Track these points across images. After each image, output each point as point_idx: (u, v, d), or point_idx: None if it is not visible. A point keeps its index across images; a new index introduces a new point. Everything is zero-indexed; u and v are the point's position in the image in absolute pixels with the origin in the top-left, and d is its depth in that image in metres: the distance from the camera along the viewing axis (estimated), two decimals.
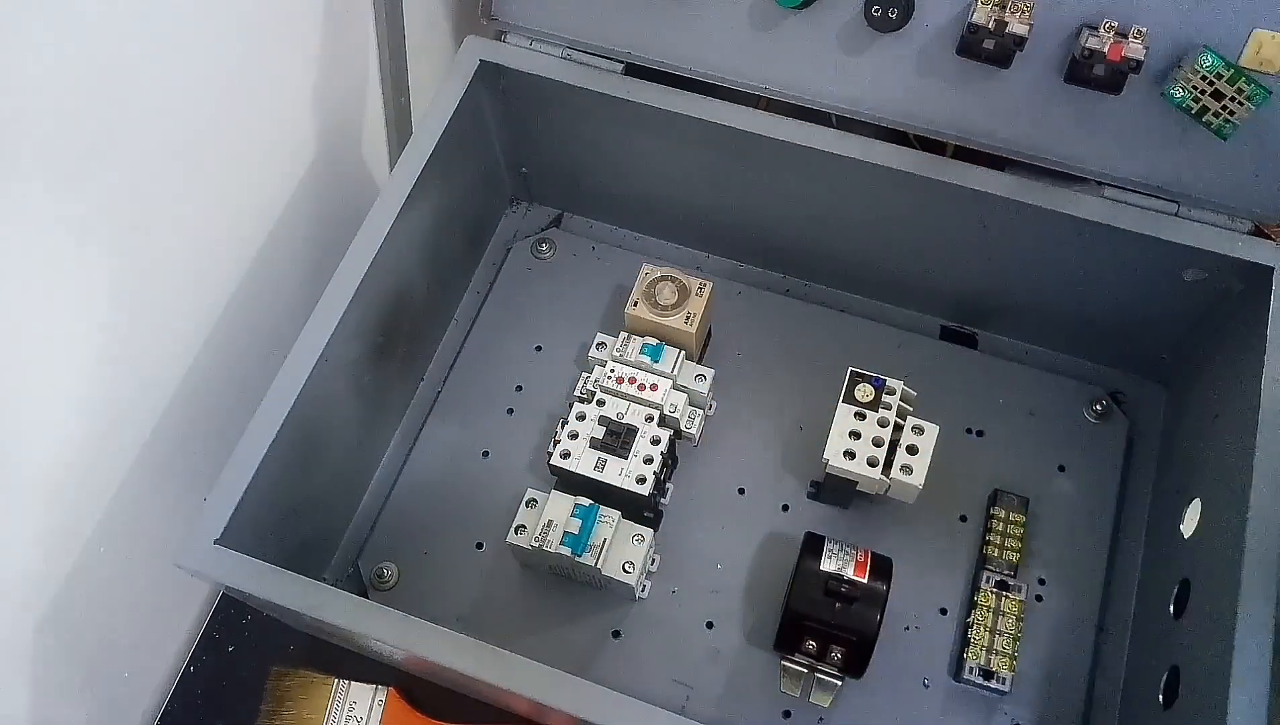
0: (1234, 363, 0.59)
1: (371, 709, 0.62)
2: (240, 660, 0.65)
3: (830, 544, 0.58)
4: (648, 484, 0.60)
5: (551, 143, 0.72)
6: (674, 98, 0.64)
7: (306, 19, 0.61)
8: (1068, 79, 0.58)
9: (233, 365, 0.64)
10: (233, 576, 0.50)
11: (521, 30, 0.67)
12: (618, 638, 0.62)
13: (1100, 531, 0.65)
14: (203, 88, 0.54)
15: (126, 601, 0.61)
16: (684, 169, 0.69)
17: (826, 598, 0.56)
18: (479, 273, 0.76)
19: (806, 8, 0.60)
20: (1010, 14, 0.55)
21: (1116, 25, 0.54)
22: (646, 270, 0.66)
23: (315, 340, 0.56)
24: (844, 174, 0.63)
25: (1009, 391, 0.69)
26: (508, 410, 0.70)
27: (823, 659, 0.57)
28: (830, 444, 0.60)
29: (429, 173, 0.62)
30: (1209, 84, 0.54)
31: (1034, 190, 0.61)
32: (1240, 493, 0.52)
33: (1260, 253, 0.59)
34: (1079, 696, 0.60)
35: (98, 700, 0.61)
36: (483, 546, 0.65)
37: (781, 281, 0.75)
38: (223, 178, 0.59)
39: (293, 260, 0.68)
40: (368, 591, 0.64)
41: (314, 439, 0.58)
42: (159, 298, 0.56)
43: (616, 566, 0.59)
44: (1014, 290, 0.68)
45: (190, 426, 0.62)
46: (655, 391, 0.64)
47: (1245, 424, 0.54)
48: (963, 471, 0.66)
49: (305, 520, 0.61)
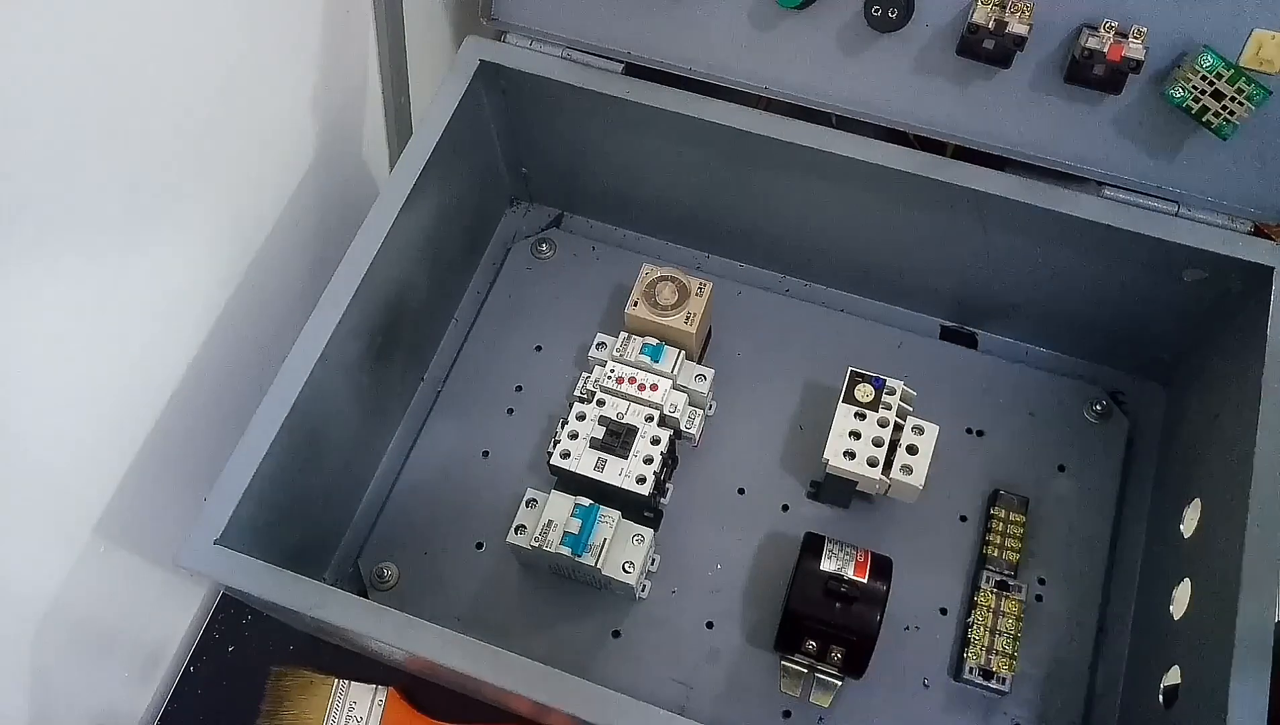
0: (1234, 363, 0.59)
1: (371, 709, 0.62)
2: (240, 660, 0.65)
3: (830, 544, 0.58)
4: (648, 484, 0.60)
5: (551, 143, 0.72)
6: (674, 98, 0.64)
7: (306, 19, 0.61)
8: (1068, 79, 0.58)
9: (233, 365, 0.64)
10: (233, 576, 0.50)
11: (521, 30, 0.67)
12: (618, 638, 0.62)
13: (1100, 531, 0.65)
14: (202, 87, 0.54)
15: (126, 601, 0.61)
16: (684, 169, 0.69)
17: (826, 598, 0.56)
18: (479, 273, 0.76)
19: (806, 8, 0.60)
20: (1010, 14, 0.55)
21: (1116, 25, 0.55)
22: (646, 270, 0.66)
23: (315, 340, 0.56)
24: (844, 174, 0.63)
25: (1009, 391, 0.69)
26: (508, 410, 0.70)
27: (823, 659, 0.57)
28: (830, 444, 0.60)
29: (429, 173, 0.62)
30: (1209, 84, 0.54)
31: (1034, 190, 0.61)
32: (1240, 493, 0.52)
33: (1260, 253, 0.59)
34: (1079, 697, 0.60)
35: (98, 700, 0.61)
36: (483, 546, 0.65)
37: (781, 281, 0.75)
38: (223, 177, 0.59)
39: (293, 260, 0.68)
40: (368, 591, 0.64)
41: (314, 439, 0.58)
42: (159, 297, 0.56)
43: (616, 566, 0.59)
44: (1014, 290, 0.68)
45: (190, 426, 0.62)
46: (655, 391, 0.64)
47: (1245, 424, 0.54)
48: (963, 471, 0.66)
49: (305, 520, 0.61)
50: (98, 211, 0.50)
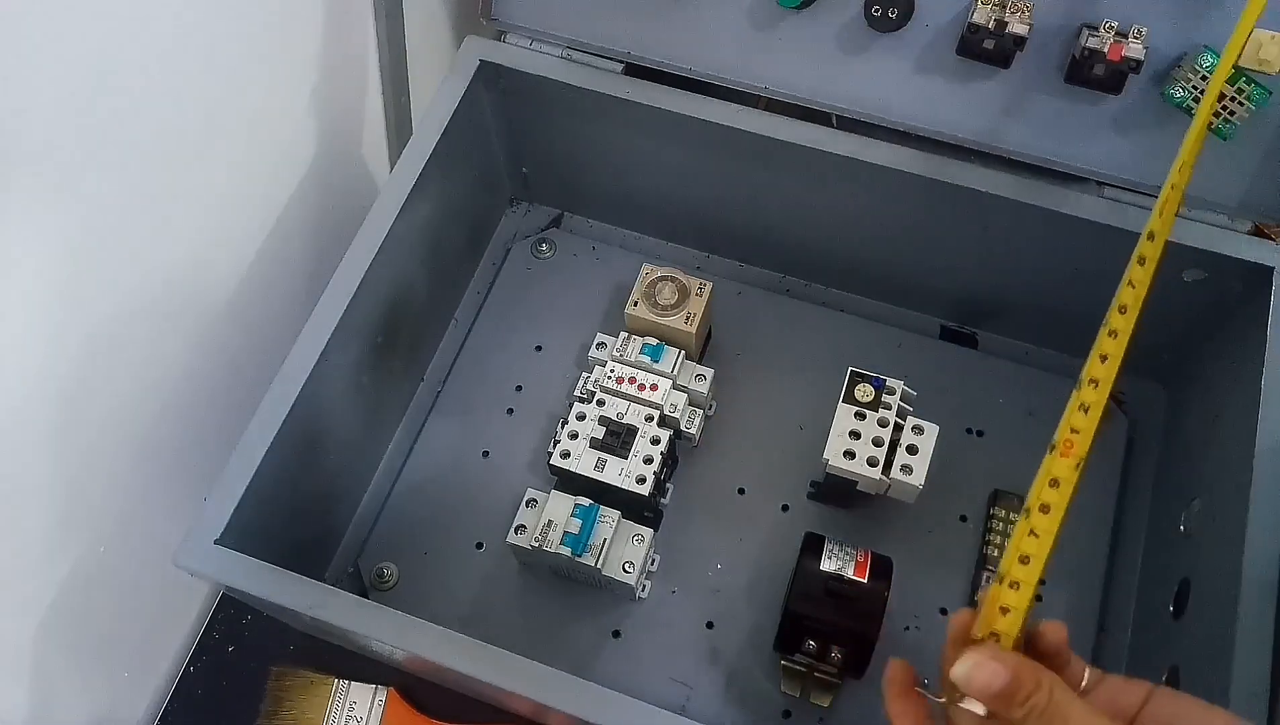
0: (1234, 363, 0.59)
1: (371, 709, 0.62)
2: (240, 660, 0.65)
3: (830, 544, 0.58)
4: (648, 484, 0.60)
5: (551, 143, 0.72)
6: (674, 98, 0.64)
7: (306, 19, 0.61)
8: (1068, 79, 0.58)
9: (233, 365, 0.64)
10: (233, 576, 0.50)
11: (521, 30, 0.67)
12: (618, 638, 0.62)
13: (1100, 531, 0.65)
14: (202, 87, 0.54)
15: (126, 601, 0.61)
16: (684, 169, 0.69)
17: (826, 598, 0.56)
18: (479, 273, 0.76)
19: (806, 8, 0.60)
20: (1010, 14, 0.55)
21: (1116, 25, 0.54)
22: (646, 270, 0.66)
23: (315, 340, 0.56)
24: (844, 174, 0.63)
25: (1009, 391, 0.69)
26: (508, 410, 0.70)
27: (823, 659, 0.56)
28: (830, 444, 0.60)
29: (429, 173, 0.62)
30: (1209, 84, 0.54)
31: (1034, 190, 0.61)
32: (1240, 492, 0.52)
33: (1260, 253, 0.59)
34: None
35: (98, 700, 0.61)
36: (483, 546, 0.65)
37: (781, 281, 0.75)
38: (223, 177, 0.59)
39: (293, 260, 0.68)
40: (368, 591, 0.64)
41: (314, 439, 0.58)
42: (159, 297, 0.56)
43: (616, 566, 0.59)
44: (1014, 290, 0.68)
45: (190, 426, 0.62)
46: (655, 391, 0.64)
47: (1245, 424, 0.54)
48: (963, 471, 0.66)
49: (305, 520, 0.61)
50: (97, 211, 0.50)
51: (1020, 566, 0.36)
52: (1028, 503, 0.37)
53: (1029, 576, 0.36)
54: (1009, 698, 0.34)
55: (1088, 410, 0.37)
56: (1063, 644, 0.37)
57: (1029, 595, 0.36)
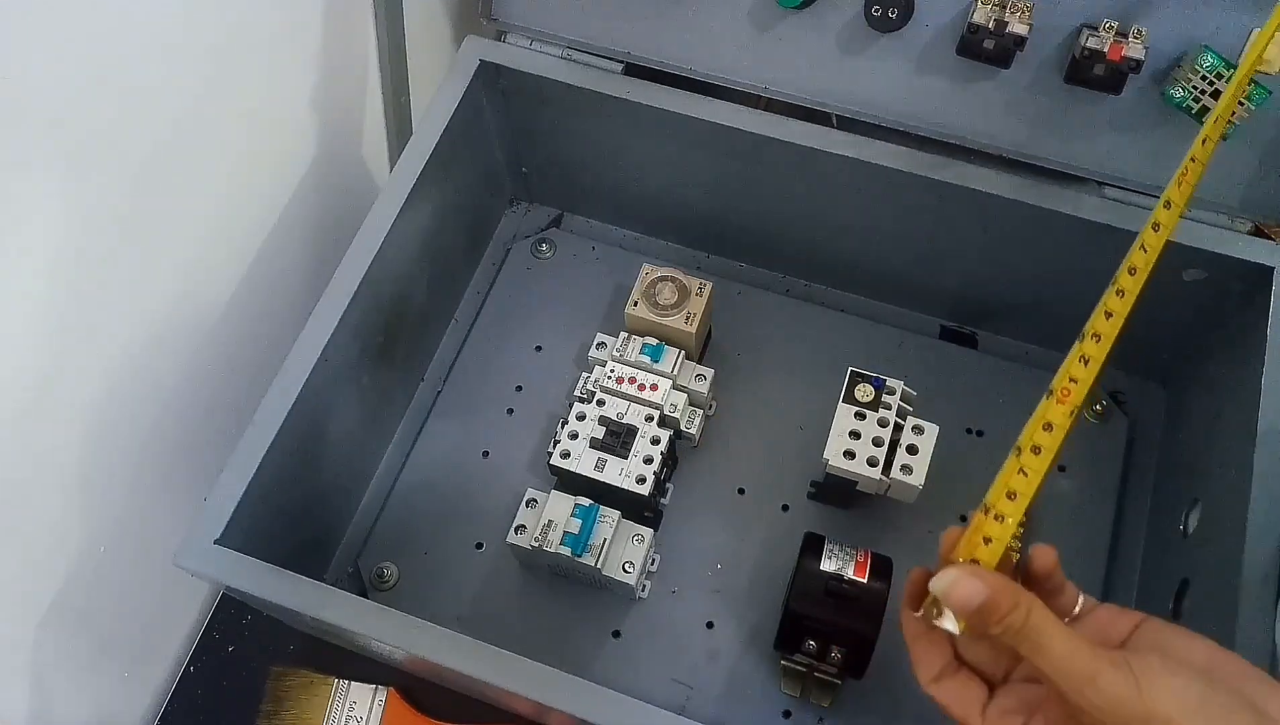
0: (1234, 363, 0.59)
1: (371, 709, 0.62)
2: (240, 660, 0.65)
3: (830, 544, 0.58)
4: (648, 484, 0.60)
5: (551, 143, 0.72)
6: (674, 98, 0.64)
7: (306, 19, 0.61)
8: (1068, 79, 0.58)
9: (233, 365, 0.64)
10: (233, 576, 0.50)
11: (521, 30, 0.67)
12: (618, 638, 0.62)
13: (1100, 531, 0.65)
14: (203, 88, 0.54)
15: (126, 601, 0.61)
16: (684, 169, 0.69)
17: (827, 598, 0.56)
18: (479, 273, 0.76)
19: (806, 8, 0.60)
20: (1010, 14, 0.55)
21: (1116, 25, 0.54)
22: (646, 270, 0.66)
23: (315, 340, 0.57)
24: (844, 174, 0.63)
25: (1009, 391, 0.69)
26: (508, 410, 0.70)
27: (823, 659, 0.56)
28: (830, 444, 0.60)
29: (429, 173, 0.62)
30: (1209, 84, 0.54)
31: (1034, 190, 0.61)
32: (1240, 493, 0.52)
33: (1260, 253, 0.59)
34: None
35: (98, 700, 0.61)
36: (483, 546, 0.65)
37: (781, 281, 0.75)
38: (223, 177, 0.59)
39: (293, 260, 0.68)
40: (368, 591, 0.64)
41: (314, 439, 0.58)
42: (159, 297, 0.56)
43: (616, 566, 0.59)
44: (1014, 290, 0.68)
45: (190, 426, 0.62)
46: (655, 391, 0.63)
47: (1245, 424, 0.54)
48: (963, 471, 0.66)
49: (305, 520, 0.61)
50: (97, 211, 0.50)
51: (1006, 501, 0.36)
52: (1020, 441, 0.38)
53: (1014, 512, 0.36)
54: (986, 615, 0.34)
55: (1088, 362, 0.38)
56: (1053, 568, 0.37)
57: (1011, 529, 0.36)
